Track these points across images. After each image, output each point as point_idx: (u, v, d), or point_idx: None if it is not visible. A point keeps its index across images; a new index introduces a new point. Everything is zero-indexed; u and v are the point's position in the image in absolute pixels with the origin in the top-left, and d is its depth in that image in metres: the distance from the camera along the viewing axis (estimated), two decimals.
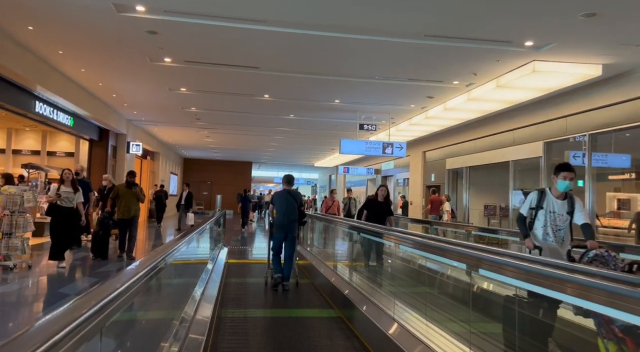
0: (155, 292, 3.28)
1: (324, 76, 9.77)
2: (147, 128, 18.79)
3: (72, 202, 7.84)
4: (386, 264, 5.68)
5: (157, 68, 9.59)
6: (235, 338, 4.52)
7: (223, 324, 4.93)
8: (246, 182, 32.97)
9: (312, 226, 10.00)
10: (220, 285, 6.44)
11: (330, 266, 7.03)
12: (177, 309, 3.98)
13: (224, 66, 9.34)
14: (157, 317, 3.44)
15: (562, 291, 2.21)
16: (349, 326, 4.99)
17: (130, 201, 9.02)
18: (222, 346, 4.28)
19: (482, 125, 12.92)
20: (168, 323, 3.55)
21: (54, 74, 10.02)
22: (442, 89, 10.37)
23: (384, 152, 13.16)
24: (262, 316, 5.51)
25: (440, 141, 15.83)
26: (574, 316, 2.76)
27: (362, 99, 11.75)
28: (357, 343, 4.46)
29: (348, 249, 6.97)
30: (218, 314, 5.23)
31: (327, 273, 6.67)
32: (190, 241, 4.76)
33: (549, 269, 2.25)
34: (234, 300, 6.11)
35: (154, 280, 2.80)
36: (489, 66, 8.47)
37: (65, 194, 7.73)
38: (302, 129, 17.20)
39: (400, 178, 21.37)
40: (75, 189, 7.92)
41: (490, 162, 13.20)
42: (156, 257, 2.87)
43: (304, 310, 5.84)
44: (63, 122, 12.09)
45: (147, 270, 2.42)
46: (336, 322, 5.22)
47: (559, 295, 2.29)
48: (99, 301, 1.57)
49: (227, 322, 5.04)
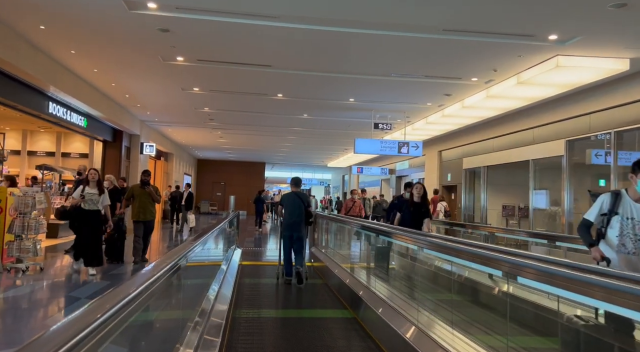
0: (168, 296, 3.15)
1: (339, 74, 9.56)
2: (161, 129, 18.77)
3: (97, 205, 7.17)
4: (408, 268, 5.44)
5: (170, 67, 9.48)
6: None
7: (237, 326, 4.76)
8: (259, 182, 32.88)
9: (326, 227, 9.80)
10: (234, 285, 6.27)
11: (347, 268, 6.83)
12: (191, 310, 3.82)
13: (237, 65, 9.19)
14: (171, 319, 3.31)
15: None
16: (363, 327, 4.81)
17: (145, 202, 8.45)
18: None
19: (500, 123, 12.60)
20: (181, 327, 3.40)
21: (66, 75, 9.97)
22: (460, 86, 10.10)
23: (400, 151, 12.91)
24: (276, 316, 5.33)
25: (456, 140, 15.52)
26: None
27: (377, 97, 11.52)
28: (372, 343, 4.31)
29: (366, 252, 6.75)
30: (232, 314, 5.06)
31: (342, 275, 6.48)
32: (203, 244, 4.60)
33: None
34: (248, 300, 5.95)
35: (168, 283, 2.68)
36: (510, 62, 8.19)
37: (90, 196, 7.10)
38: (316, 129, 17.02)
39: (415, 178, 21.05)
40: (100, 190, 7.27)
41: (509, 161, 12.87)
42: (170, 259, 2.74)
43: (318, 310, 5.70)
44: (77, 123, 12.07)
45: (160, 274, 2.32)
46: (350, 322, 5.06)
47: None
48: (114, 304, 1.56)
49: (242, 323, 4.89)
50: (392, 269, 5.75)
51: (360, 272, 6.20)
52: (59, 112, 10.89)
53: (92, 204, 7.15)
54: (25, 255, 7.01)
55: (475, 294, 4.39)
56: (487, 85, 9.84)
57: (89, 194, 7.12)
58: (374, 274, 5.68)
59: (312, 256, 9.52)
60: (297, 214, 7.37)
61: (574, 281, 2.09)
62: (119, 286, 1.89)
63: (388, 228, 5.65)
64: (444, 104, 11.90)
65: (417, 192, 6.92)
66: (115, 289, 1.83)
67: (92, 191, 7.18)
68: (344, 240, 8.30)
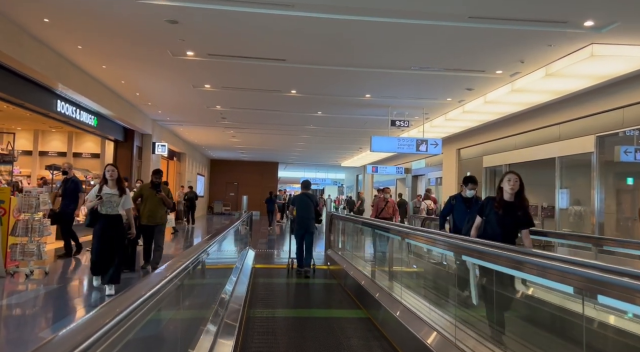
0: (177, 303, 2.81)
1: (356, 68, 9.12)
2: (173, 128, 18.51)
3: (117, 208, 6.00)
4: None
5: (180, 63, 9.14)
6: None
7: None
8: (273, 182, 32.59)
9: (343, 228, 9.35)
10: (247, 288, 5.88)
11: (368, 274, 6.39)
12: (200, 320, 3.45)
13: (249, 59, 8.80)
14: (184, 322, 2.95)
15: None
16: (378, 327, 4.35)
17: (155, 205, 7.46)
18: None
19: (524, 119, 12.04)
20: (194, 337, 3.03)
21: (74, 71, 9.69)
22: (483, 80, 9.59)
23: (418, 149, 12.44)
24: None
25: (476, 138, 14.97)
26: None
27: (395, 92, 11.06)
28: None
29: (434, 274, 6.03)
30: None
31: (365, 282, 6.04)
32: (213, 248, 4.21)
33: None
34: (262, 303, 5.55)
35: (177, 289, 2.41)
36: (540, 52, 7.67)
37: (108, 197, 5.88)
38: (330, 127, 16.59)
39: (432, 177, 20.53)
40: (121, 190, 6.01)
41: (533, 159, 12.30)
42: (179, 264, 2.42)
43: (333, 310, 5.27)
44: (86, 122, 11.81)
45: (167, 280, 2.12)
46: (366, 323, 4.60)
47: None
48: (123, 309, 1.48)
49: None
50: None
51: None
52: (67, 110, 10.62)
53: (110, 206, 5.90)
54: (29, 258, 6.69)
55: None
56: (512, 79, 9.32)
57: (108, 195, 5.89)
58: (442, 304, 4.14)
59: (328, 259, 9.10)
60: (307, 213, 8.19)
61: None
62: (128, 290, 1.81)
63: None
64: (465, 99, 11.39)
65: (510, 186, 4.35)
66: (124, 293, 1.75)
67: (112, 192, 5.92)
68: (375, 248, 6.78)
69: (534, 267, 2.53)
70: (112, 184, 5.97)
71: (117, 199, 5.96)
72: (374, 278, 5.77)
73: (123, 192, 6.02)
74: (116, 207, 5.96)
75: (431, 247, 4.70)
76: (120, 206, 6.01)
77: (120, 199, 5.98)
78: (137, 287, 1.83)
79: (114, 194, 5.94)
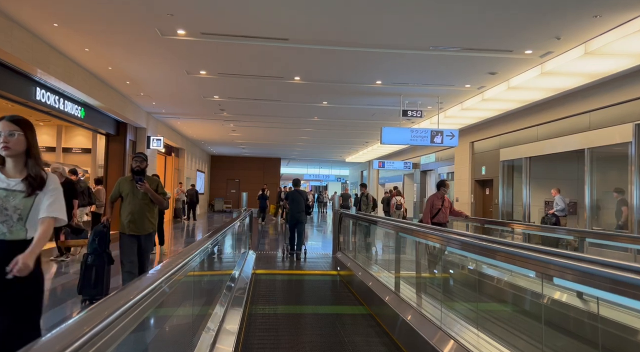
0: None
1: (367, 48, 8.13)
2: (169, 122, 17.54)
3: (18, 226, 2.75)
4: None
5: (171, 44, 8.17)
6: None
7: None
8: (275, 179, 31.67)
9: (355, 229, 8.36)
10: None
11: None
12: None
13: (248, 39, 7.82)
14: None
15: None
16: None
17: (139, 205, 5.14)
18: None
19: (549, 107, 11.02)
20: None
21: (53, 55, 8.71)
22: (510, 62, 8.59)
23: (433, 141, 11.45)
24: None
25: (493, 129, 13.96)
26: None
27: (408, 78, 10.06)
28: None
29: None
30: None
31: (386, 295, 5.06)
32: (202, 256, 3.24)
33: None
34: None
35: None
36: (582, 25, 6.66)
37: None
38: (336, 119, 15.59)
39: (443, 172, 19.53)
40: (34, 182, 2.58)
41: (557, 151, 11.30)
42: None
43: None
44: (72, 114, 10.83)
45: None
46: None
47: None
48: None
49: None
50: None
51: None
52: (49, 99, 9.65)
53: (6, 221, 2.55)
54: None
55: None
56: (542, 60, 8.32)
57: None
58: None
59: (337, 263, 8.12)
60: (298, 206, 9.91)
61: None
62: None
63: None
64: (485, 86, 10.38)
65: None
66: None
67: (9, 184, 2.60)
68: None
69: None
70: (14, 167, 2.61)
71: (22, 203, 2.57)
72: (398, 292, 4.80)
73: (36, 185, 2.60)
74: (17, 222, 2.55)
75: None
76: (27, 220, 2.58)
77: (29, 201, 2.59)
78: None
79: (15, 190, 2.57)
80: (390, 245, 5.22)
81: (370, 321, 4.86)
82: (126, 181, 5.32)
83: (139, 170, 5.23)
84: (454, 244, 3.42)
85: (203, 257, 3.30)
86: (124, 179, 5.39)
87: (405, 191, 24.55)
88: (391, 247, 5.11)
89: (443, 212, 7.62)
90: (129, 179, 5.29)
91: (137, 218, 5.13)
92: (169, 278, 2.11)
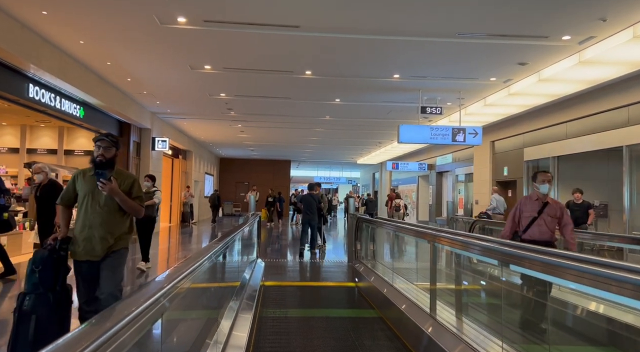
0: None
1: (386, 36, 7.37)
2: (175, 122, 16.89)
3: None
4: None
5: (171, 34, 7.49)
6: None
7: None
8: (285, 181, 30.98)
9: (374, 235, 7.56)
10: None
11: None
12: None
13: (254, 26, 7.10)
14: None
15: None
16: None
17: (103, 217, 3.46)
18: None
19: (580, 102, 10.17)
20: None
21: (45, 48, 8.07)
22: (544, 51, 7.78)
23: (454, 139, 10.65)
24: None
25: (516, 127, 13.11)
26: None
27: (429, 71, 9.28)
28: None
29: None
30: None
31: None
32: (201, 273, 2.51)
33: None
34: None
35: None
36: (632, 3, 5.85)
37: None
38: (349, 118, 14.82)
39: (461, 174, 18.66)
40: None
41: (589, 149, 10.43)
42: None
43: None
44: (70, 113, 10.20)
45: None
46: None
47: None
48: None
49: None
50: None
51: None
52: (44, 97, 9.02)
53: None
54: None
55: None
56: (581, 47, 7.50)
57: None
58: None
59: (354, 273, 7.34)
60: (311, 209, 10.54)
61: None
62: None
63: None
64: (513, 78, 9.56)
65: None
66: None
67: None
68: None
69: None
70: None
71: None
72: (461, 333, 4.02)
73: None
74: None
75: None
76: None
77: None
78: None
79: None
80: (446, 269, 4.31)
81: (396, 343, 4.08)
82: (84, 176, 3.55)
83: (103, 161, 3.45)
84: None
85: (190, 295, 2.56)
86: (82, 172, 3.61)
87: (420, 193, 23.70)
88: (446, 272, 4.22)
89: (543, 226, 4.58)
90: (89, 174, 3.53)
91: (95, 234, 3.41)
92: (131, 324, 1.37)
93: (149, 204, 7.45)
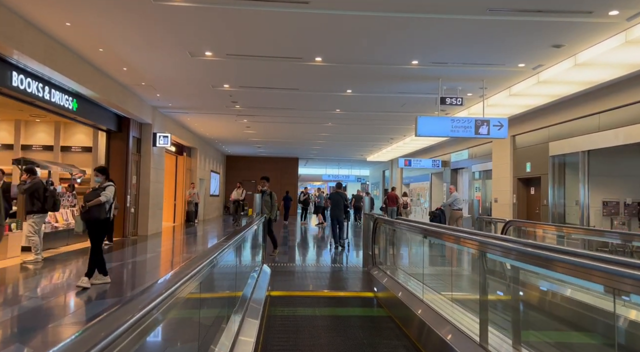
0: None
1: (408, 14, 6.52)
2: (178, 117, 16.14)
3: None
4: None
5: (166, 13, 6.70)
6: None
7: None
8: (293, 180, 30.23)
9: (393, 238, 6.71)
10: None
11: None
12: None
13: (259, 3, 6.29)
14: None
15: None
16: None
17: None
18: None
19: (616, 90, 9.25)
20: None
21: (28, 30, 7.30)
22: (584, 29, 6.89)
23: (477, 132, 9.78)
24: None
25: (540, 120, 12.19)
26: None
27: (451, 55, 8.42)
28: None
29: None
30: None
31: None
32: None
33: None
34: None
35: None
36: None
37: None
38: (360, 111, 13.98)
39: (477, 170, 17.74)
40: None
41: (626, 143, 9.50)
42: None
43: None
44: (62, 105, 9.47)
45: None
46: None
47: None
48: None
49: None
50: None
51: None
52: (30, 87, 8.28)
53: None
54: None
55: None
56: (628, 24, 6.61)
57: None
58: None
59: (371, 280, 6.49)
60: (338, 207, 11.61)
61: None
62: None
63: None
64: (545, 64, 8.67)
65: None
66: None
67: None
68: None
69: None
70: None
71: None
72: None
73: None
74: None
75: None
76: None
77: None
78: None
79: None
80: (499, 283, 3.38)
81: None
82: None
83: None
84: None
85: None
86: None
87: (433, 191, 22.79)
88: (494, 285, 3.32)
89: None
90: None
91: None
92: None
93: (92, 204, 6.31)
